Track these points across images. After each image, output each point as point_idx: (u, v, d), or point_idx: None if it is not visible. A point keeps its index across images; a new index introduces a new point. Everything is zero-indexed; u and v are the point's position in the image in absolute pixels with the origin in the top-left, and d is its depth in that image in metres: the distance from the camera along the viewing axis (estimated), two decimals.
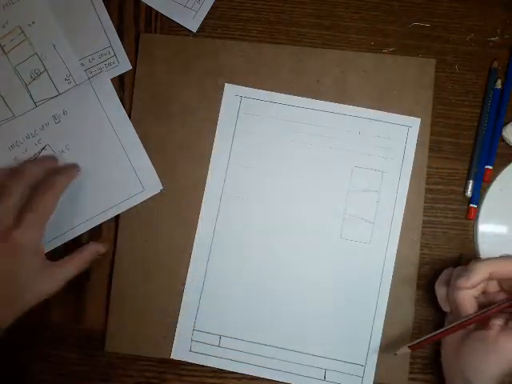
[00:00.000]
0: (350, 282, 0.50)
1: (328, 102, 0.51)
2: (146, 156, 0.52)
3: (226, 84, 0.52)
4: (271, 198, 0.51)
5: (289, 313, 0.50)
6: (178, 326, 0.50)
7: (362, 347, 0.49)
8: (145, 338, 0.50)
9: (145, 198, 0.52)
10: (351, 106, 0.51)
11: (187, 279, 0.51)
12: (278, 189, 0.51)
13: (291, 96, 0.52)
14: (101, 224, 0.51)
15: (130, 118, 0.52)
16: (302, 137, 0.51)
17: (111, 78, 0.53)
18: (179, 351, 0.50)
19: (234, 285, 0.50)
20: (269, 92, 0.52)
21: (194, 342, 0.50)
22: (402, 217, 0.50)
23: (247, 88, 0.52)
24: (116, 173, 0.52)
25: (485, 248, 0.50)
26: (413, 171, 0.51)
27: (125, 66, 0.53)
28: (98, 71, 0.53)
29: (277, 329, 0.50)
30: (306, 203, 0.51)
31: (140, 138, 0.52)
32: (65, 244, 0.51)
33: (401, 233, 0.50)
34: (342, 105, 0.51)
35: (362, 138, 0.51)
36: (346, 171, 0.51)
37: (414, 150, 0.51)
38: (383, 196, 0.51)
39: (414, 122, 0.51)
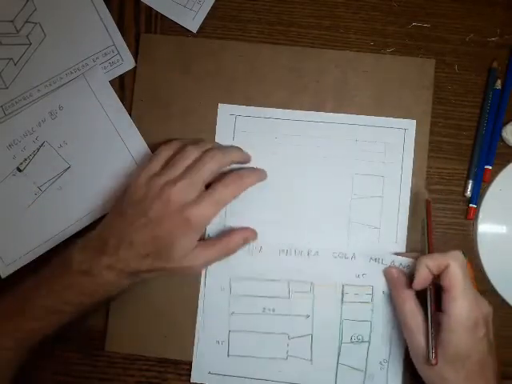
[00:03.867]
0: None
1: (321, 113, 0.51)
2: (145, 145, 0.52)
3: (219, 104, 0.52)
4: (273, 213, 0.51)
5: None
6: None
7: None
8: (145, 338, 0.50)
9: None
10: (345, 115, 0.51)
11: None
12: (279, 202, 0.51)
13: (284, 110, 0.51)
14: None
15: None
16: (299, 149, 0.51)
17: (115, 76, 0.53)
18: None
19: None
20: (262, 108, 0.52)
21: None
22: (406, 220, 0.50)
23: (241, 106, 0.52)
24: (115, 163, 0.52)
25: (484, 248, 0.50)
26: (413, 172, 0.51)
27: (129, 63, 0.53)
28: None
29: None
30: (309, 215, 0.51)
31: None
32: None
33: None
34: (335, 114, 0.51)
35: (360, 145, 0.51)
36: (347, 179, 0.51)
37: (412, 152, 0.51)
38: (386, 200, 0.50)
39: (410, 124, 0.51)
